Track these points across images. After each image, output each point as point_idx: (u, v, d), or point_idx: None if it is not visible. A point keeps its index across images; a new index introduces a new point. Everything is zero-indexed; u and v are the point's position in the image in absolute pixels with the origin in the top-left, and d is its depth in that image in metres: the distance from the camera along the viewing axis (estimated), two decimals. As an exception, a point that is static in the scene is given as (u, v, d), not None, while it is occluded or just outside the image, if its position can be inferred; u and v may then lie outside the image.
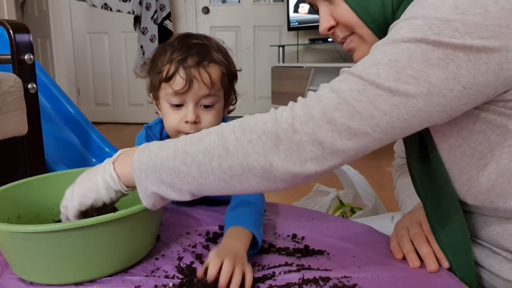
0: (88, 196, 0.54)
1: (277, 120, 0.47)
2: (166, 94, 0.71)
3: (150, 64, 0.75)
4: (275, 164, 0.46)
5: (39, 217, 0.65)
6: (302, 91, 3.43)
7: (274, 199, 0.87)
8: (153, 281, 0.52)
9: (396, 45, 0.45)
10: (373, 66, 0.45)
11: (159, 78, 0.71)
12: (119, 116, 3.89)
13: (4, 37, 1.43)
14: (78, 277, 0.52)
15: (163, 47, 0.74)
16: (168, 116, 0.73)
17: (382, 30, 0.54)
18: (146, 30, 3.58)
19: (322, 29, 0.61)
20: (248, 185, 0.48)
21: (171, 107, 0.72)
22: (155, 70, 0.73)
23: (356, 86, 0.45)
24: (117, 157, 0.55)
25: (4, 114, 1.17)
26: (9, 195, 0.61)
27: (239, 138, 0.47)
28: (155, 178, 0.50)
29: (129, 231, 0.54)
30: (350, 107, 0.44)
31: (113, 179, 0.54)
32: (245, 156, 0.46)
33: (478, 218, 0.56)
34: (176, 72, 0.69)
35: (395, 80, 0.44)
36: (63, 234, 0.49)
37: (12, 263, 0.54)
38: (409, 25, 0.45)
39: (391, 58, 0.45)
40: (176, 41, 0.73)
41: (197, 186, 0.49)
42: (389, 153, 2.86)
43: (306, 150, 0.45)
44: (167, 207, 0.77)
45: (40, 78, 1.78)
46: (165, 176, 0.49)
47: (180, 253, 0.60)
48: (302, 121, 0.45)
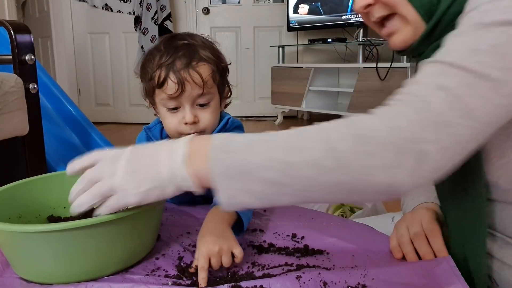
0: (151, 194, 0.48)
1: (392, 128, 0.41)
2: (161, 99, 0.72)
3: (140, 71, 0.75)
4: (399, 179, 0.40)
5: (40, 216, 0.65)
6: (302, 91, 3.43)
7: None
8: (153, 280, 0.52)
9: (491, 30, 0.42)
10: (473, 54, 0.41)
11: (152, 84, 0.72)
12: (120, 116, 3.90)
13: (5, 37, 1.44)
14: (78, 276, 0.52)
15: (150, 52, 0.74)
16: (167, 120, 0.74)
17: (426, 10, 0.51)
18: (146, 31, 3.58)
19: (358, 6, 0.56)
20: (359, 198, 0.44)
21: (168, 110, 0.73)
22: (146, 77, 0.73)
23: (463, 80, 0.41)
24: (185, 154, 0.47)
25: (5, 114, 1.17)
26: (10, 194, 0.62)
27: (352, 150, 0.40)
28: (245, 188, 0.43)
29: (130, 230, 0.54)
30: (463, 106, 0.40)
31: (186, 182, 0.47)
32: (363, 171, 0.40)
33: (497, 206, 0.55)
34: (167, 77, 0.69)
35: (501, 68, 0.41)
36: (64, 234, 0.49)
37: (13, 262, 0.54)
38: (496, 7, 0.42)
39: (491, 43, 0.41)
40: (162, 45, 0.73)
41: (297, 199, 0.44)
42: (389, 153, 2.80)
43: (430, 159, 0.40)
44: (167, 206, 0.77)
45: (41, 78, 1.78)
46: (257, 187, 0.43)
47: (181, 253, 0.60)
48: (419, 127, 0.40)
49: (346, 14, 3.29)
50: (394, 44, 0.57)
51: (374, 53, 3.28)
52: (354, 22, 3.25)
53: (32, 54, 1.30)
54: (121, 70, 3.84)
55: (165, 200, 0.59)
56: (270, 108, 3.82)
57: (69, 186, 0.58)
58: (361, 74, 3.02)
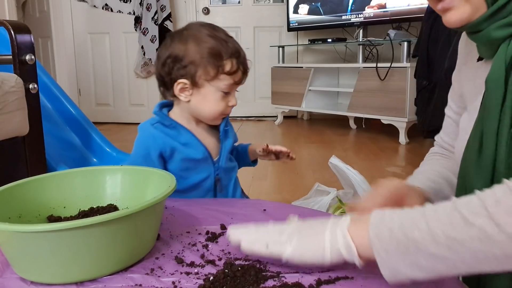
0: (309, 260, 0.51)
1: None
2: (224, 84, 0.81)
3: (208, 53, 0.79)
4: None
5: (40, 216, 0.65)
6: (302, 91, 3.44)
7: (274, 199, 0.87)
8: (153, 280, 0.53)
9: None
10: None
11: (220, 70, 0.80)
12: (120, 116, 3.90)
13: (5, 37, 1.44)
14: (79, 276, 0.52)
15: (217, 38, 0.80)
16: (216, 102, 0.82)
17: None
18: (146, 31, 3.59)
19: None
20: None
21: (221, 94, 0.82)
22: (215, 63, 0.79)
23: None
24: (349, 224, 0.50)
25: (5, 114, 1.17)
26: (10, 194, 0.62)
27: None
28: (411, 262, 0.45)
29: (129, 230, 0.54)
30: None
31: (349, 249, 0.49)
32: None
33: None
34: (239, 66, 0.81)
35: None
36: (64, 234, 0.49)
37: (13, 262, 0.54)
38: None
39: None
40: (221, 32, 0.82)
41: (468, 270, 0.44)
42: (389, 153, 2.86)
43: None
44: (167, 205, 0.77)
45: (41, 78, 1.78)
46: (424, 262, 0.44)
47: (181, 252, 0.60)
48: None
49: (346, 14, 3.29)
50: (449, 21, 0.56)
51: (374, 53, 3.28)
52: (354, 22, 3.25)
53: (32, 54, 1.30)
54: (121, 70, 3.85)
55: (165, 200, 0.60)
56: (270, 108, 3.82)
57: (69, 186, 0.58)
58: (361, 74, 3.02)
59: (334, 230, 0.50)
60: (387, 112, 2.84)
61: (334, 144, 2.87)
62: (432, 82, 2.41)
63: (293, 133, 3.36)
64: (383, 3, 3.05)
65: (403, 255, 0.45)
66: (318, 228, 0.52)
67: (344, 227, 0.50)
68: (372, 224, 0.48)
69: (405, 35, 3.06)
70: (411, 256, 0.44)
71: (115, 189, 0.69)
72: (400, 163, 2.39)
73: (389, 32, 2.99)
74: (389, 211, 0.49)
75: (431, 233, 0.43)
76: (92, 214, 0.65)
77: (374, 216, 0.48)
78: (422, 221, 0.45)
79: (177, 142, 0.83)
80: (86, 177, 0.70)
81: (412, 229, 0.45)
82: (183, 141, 0.84)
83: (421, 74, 2.51)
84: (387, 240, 0.46)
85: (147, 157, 0.83)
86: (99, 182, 0.70)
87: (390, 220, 0.47)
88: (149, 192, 0.65)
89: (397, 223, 0.46)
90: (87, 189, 0.69)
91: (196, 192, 0.88)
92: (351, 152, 2.65)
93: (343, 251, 0.49)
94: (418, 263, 0.44)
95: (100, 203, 0.68)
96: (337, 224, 0.51)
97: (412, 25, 3.18)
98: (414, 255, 0.44)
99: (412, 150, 2.63)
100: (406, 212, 0.47)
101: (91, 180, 0.70)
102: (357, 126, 3.47)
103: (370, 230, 0.47)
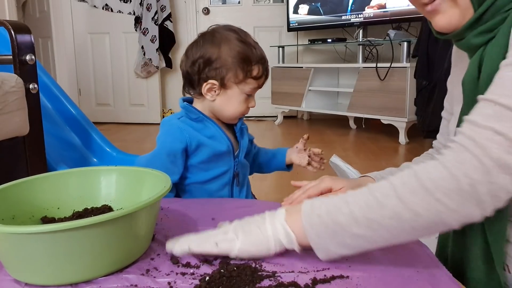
0: (258, 256, 0.56)
1: (454, 177, 0.45)
2: (250, 88, 0.86)
3: (239, 58, 0.84)
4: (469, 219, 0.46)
5: (33, 217, 0.64)
6: (302, 91, 3.43)
7: (274, 199, 0.87)
8: (148, 281, 0.53)
9: None
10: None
11: (248, 74, 0.85)
12: (120, 116, 3.91)
13: (5, 37, 1.44)
14: (73, 278, 0.52)
15: (247, 44, 0.85)
16: (239, 104, 0.87)
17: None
18: (146, 31, 3.59)
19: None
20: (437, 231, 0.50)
21: (245, 97, 0.87)
22: (244, 67, 0.84)
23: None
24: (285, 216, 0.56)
25: (5, 114, 1.18)
26: (3, 196, 0.61)
27: (426, 200, 0.46)
28: (338, 243, 0.52)
29: (124, 231, 0.54)
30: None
31: (289, 238, 0.55)
32: (438, 215, 0.47)
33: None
34: (264, 71, 0.87)
35: None
36: (58, 235, 0.49)
37: (7, 264, 0.54)
38: None
39: None
40: (249, 37, 0.87)
41: (386, 243, 0.51)
42: (389, 153, 2.86)
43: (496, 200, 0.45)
44: (162, 206, 0.77)
45: (42, 78, 1.79)
46: (350, 241, 0.51)
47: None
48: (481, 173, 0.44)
49: (346, 14, 3.29)
50: (437, 24, 0.57)
51: (374, 53, 3.28)
52: (354, 22, 3.25)
53: (33, 54, 1.31)
54: (121, 70, 3.85)
55: (160, 200, 0.60)
56: (270, 108, 3.82)
57: (63, 186, 0.58)
58: (361, 74, 3.02)
59: (273, 222, 0.56)
60: (387, 112, 2.84)
61: (334, 144, 2.87)
62: (432, 82, 2.41)
63: (293, 133, 3.36)
64: (383, 3, 3.05)
65: (331, 237, 0.52)
66: (258, 222, 0.57)
67: (282, 218, 0.55)
68: (304, 213, 0.54)
69: (405, 35, 3.06)
70: (338, 237, 0.51)
71: (110, 189, 0.69)
72: (400, 163, 2.38)
73: (389, 32, 2.98)
74: (317, 199, 0.55)
75: (353, 216, 0.50)
76: (87, 215, 0.65)
77: (305, 206, 0.55)
78: (344, 206, 0.51)
79: (203, 136, 0.87)
80: (80, 177, 0.70)
81: (337, 214, 0.51)
82: (209, 134, 0.88)
83: (421, 74, 2.51)
84: (317, 226, 0.52)
85: (171, 153, 0.85)
86: (93, 182, 0.70)
87: (319, 208, 0.53)
88: (144, 192, 0.65)
89: (324, 210, 0.53)
90: (81, 189, 0.69)
91: (214, 184, 0.91)
92: (351, 152, 2.65)
93: (284, 240, 0.55)
94: (344, 243, 0.51)
95: (94, 203, 0.68)
96: (274, 216, 0.57)
97: (412, 25, 3.17)
98: (341, 236, 0.51)
99: (412, 150, 2.63)
100: (331, 199, 0.54)
101: (85, 181, 0.69)
102: (357, 126, 3.46)
103: (303, 219, 0.54)
